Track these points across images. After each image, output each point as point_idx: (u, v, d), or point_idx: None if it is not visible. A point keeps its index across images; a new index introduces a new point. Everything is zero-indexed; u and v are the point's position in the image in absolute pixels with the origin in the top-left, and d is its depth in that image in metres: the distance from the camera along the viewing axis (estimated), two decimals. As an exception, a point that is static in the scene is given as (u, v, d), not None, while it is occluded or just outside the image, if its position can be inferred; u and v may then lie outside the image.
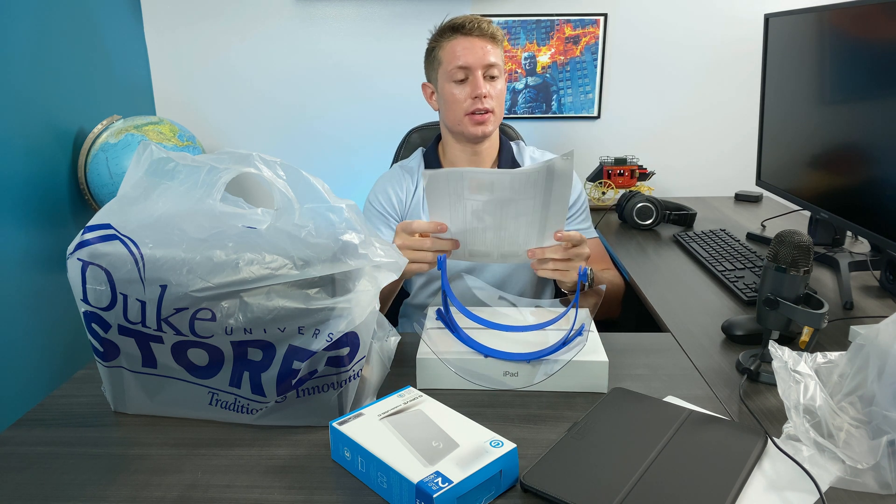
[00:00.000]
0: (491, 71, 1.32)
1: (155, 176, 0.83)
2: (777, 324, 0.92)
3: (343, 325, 0.77)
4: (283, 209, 0.80)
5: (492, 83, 1.33)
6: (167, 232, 0.79)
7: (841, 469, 0.70)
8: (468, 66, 1.31)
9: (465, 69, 1.31)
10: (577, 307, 1.00)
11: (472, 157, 1.39)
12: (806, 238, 0.90)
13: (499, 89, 1.34)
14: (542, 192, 0.96)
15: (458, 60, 1.31)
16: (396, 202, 1.41)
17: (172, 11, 2.15)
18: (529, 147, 1.49)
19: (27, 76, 1.62)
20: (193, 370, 0.83)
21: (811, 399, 0.74)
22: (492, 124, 1.35)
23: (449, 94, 1.34)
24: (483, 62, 1.31)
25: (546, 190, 0.96)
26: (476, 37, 1.32)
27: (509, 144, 1.46)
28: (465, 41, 1.32)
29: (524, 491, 0.71)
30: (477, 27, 1.32)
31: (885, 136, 1.18)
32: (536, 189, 0.96)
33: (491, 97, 1.32)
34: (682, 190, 2.29)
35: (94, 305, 0.81)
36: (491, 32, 1.33)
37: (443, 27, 1.35)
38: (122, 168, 1.73)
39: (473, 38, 1.32)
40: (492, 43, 1.33)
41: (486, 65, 1.31)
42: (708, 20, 2.14)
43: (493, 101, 1.33)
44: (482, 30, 1.32)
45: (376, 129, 2.25)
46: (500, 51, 1.35)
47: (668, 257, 1.56)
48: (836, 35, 1.33)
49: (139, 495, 0.72)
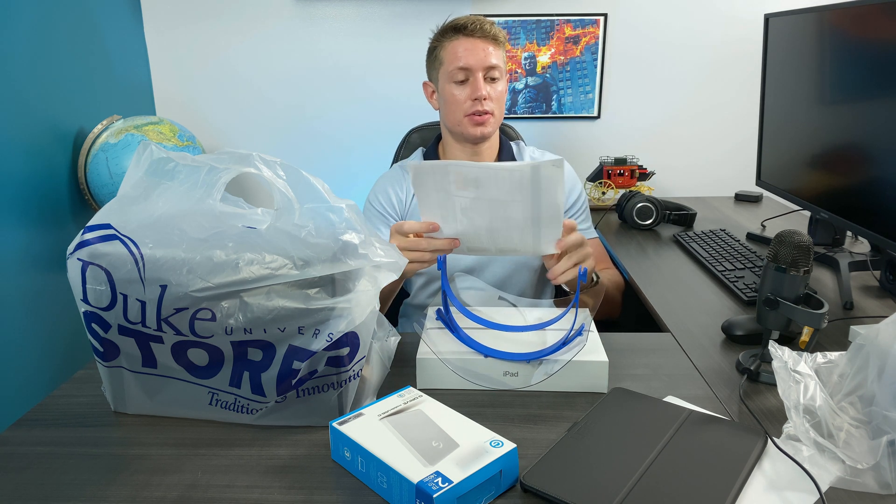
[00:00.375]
0: (492, 73, 1.32)
1: (155, 176, 0.83)
2: (777, 324, 0.92)
3: (343, 325, 0.77)
4: (283, 209, 0.80)
5: (492, 85, 1.33)
6: (167, 232, 0.78)
7: (841, 469, 0.70)
8: (469, 68, 1.31)
9: (465, 70, 1.31)
10: (577, 307, 1.00)
11: (472, 157, 1.39)
12: (806, 238, 0.90)
13: (499, 91, 1.34)
14: (529, 197, 0.93)
15: (459, 61, 1.31)
16: (396, 202, 1.41)
17: (172, 11, 2.15)
18: (530, 147, 1.49)
19: (27, 76, 1.62)
20: (193, 370, 0.83)
21: (811, 399, 0.74)
22: (491, 126, 1.35)
23: (449, 95, 1.34)
24: (484, 64, 1.31)
25: (534, 195, 0.93)
26: (478, 38, 1.31)
27: (509, 144, 1.46)
28: (466, 42, 1.31)
29: (524, 491, 0.71)
30: (479, 28, 1.31)
31: (885, 136, 1.18)
32: (523, 192, 0.93)
33: (491, 99, 1.32)
34: (682, 190, 2.29)
35: (94, 305, 0.81)
36: (493, 34, 1.32)
37: (445, 27, 1.35)
38: (122, 168, 1.73)
39: (475, 40, 1.31)
40: (494, 44, 1.32)
41: (488, 66, 1.31)
42: (708, 20, 2.14)
43: (493, 102, 1.33)
44: (484, 31, 1.31)
45: (376, 129, 2.25)
46: (501, 52, 1.34)
47: (668, 257, 1.56)
48: (836, 35, 1.33)
49: (139, 495, 0.72)
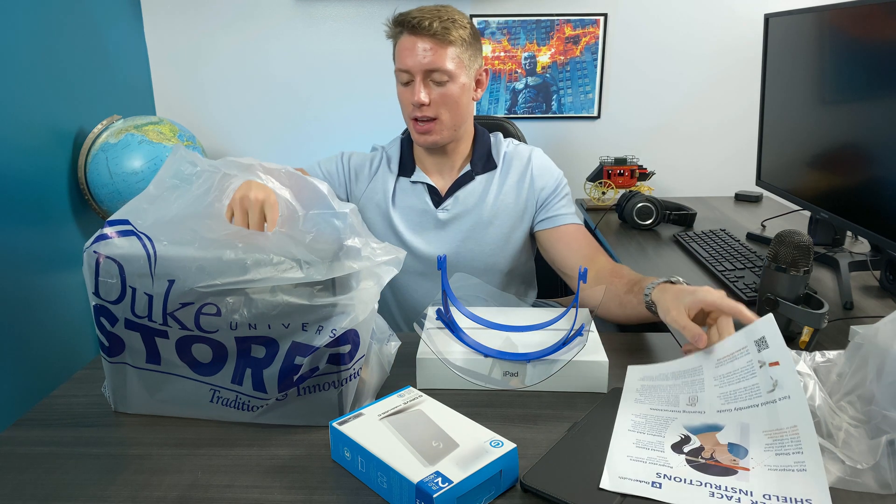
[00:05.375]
0: (435, 76, 1.19)
1: (176, 178, 0.86)
2: (777, 324, 0.92)
3: (346, 321, 0.78)
4: (288, 216, 0.83)
5: (439, 88, 1.20)
6: (181, 231, 0.81)
7: (841, 469, 0.70)
8: (408, 70, 1.19)
9: (406, 72, 1.20)
10: (577, 307, 1.00)
11: (438, 159, 1.32)
12: (806, 238, 0.90)
13: (449, 94, 1.20)
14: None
15: (400, 62, 1.21)
16: (347, 179, 1.36)
17: (172, 11, 2.15)
18: (506, 140, 1.38)
19: (27, 76, 1.62)
20: (197, 367, 0.83)
21: (810, 398, 0.74)
22: (438, 134, 1.23)
23: (398, 94, 1.26)
24: (423, 66, 1.18)
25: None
26: (421, 36, 1.17)
27: (486, 138, 1.35)
28: (407, 41, 1.19)
29: (524, 491, 0.71)
30: (420, 25, 1.16)
31: (885, 137, 1.18)
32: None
33: (433, 105, 1.20)
34: (682, 190, 2.29)
35: (104, 298, 0.82)
36: (438, 31, 1.16)
37: (394, 18, 1.22)
38: (122, 168, 1.73)
39: (416, 38, 1.18)
40: (439, 43, 1.17)
41: (428, 70, 1.18)
42: (708, 20, 2.15)
43: (438, 108, 1.21)
44: (425, 28, 1.16)
45: (376, 129, 2.25)
46: (453, 50, 1.19)
47: (668, 257, 1.56)
48: (836, 35, 1.33)
49: (139, 495, 0.72)
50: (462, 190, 1.33)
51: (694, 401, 0.82)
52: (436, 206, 1.33)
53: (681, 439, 0.76)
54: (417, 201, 1.33)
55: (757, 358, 0.79)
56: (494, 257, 1.34)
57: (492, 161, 1.34)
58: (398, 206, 1.34)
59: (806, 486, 0.66)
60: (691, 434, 0.77)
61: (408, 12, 1.20)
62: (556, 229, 1.31)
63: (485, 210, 1.32)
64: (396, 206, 1.34)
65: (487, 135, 1.37)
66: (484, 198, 1.32)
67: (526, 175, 1.33)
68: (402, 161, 1.36)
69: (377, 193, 1.35)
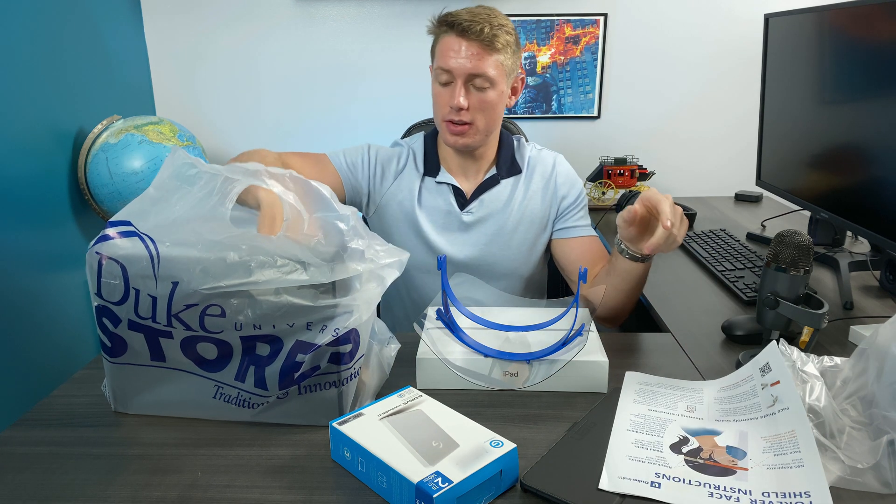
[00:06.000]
0: (477, 81, 1.18)
1: (178, 180, 0.85)
2: (777, 324, 0.92)
3: (349, 321, 0.78)
4: (292, 220, 0.83)
5: (478, 93, 1.20)
6: (183, 233, 0.81)
7: (841, 469, 0.70)
8: (450, 71, 1.18)
9: (448, 73, 1.19)
10: (577, 307, 1.00)
11: (463, 160, 1.32)
12: (806, 238, 0.90)
13: (487, 100, 1.20)
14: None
15: (442, 62, 1.19)
16: (373, 174, 1.34)
17: (172, 11, 2.15)
18: (530, 144, 1.39)
19: (27, 76, 1.62)
20: (202, 363, 0.84)
21: (816, 400, 0.75)
22: (471, 137, 1.24)
23: (434, 93, 1.24)
24: (467, 71, 1.17)
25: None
26: (470, 40, 1.16)
27: (510, 141, 1.36)
28: (454, 42, 1.17)
29: (524, 491, 0.71)
30: (471, 29, 1.15)
31: (885, 136, 1.18)
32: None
33: (471, 109, 1.20)
34: (682, 190, 2.29)
35: (106, 299, 0.82)
36: (489, 37, 1.16)
37: (441, 17, 1.20)
38: (122, 168, 1.73)
39: (465, 41, 1.17)
40: (487, 49, 1.17)
41: (472, 74, 1.18)
42: (708, 20, 2.15)
43: (475, 113, 1.21)
44: (477, 33, 1.15)
45: (376, 129, 2.25)
46: (499, 57, 1.19)
47: (668, 257, 1.56)
48: (836, 35, 1.33)
49: (139, 495, 0.72)
50: (487, 193, 1.33)
51: (692, 409, 0.83)
52: (461, 208, 1.32)
53: (679, 440, 0.77)
54: (442, 202, 1.33)
55: (760, 382, 0.81)
56: (517, 262, 1.35)
57: (516, 165, 1.34)
58: (424, 205, 1.34)
59: (804, 480, 0.67)
60: (690, 436, 0.77)
61: (458, 13, 1.18)
62: (573, 240, 1.33)
63: (510, 215, 1.32)
64: (422, 206, 1.33)
65: (511, 138, 1.37)
66: (510, 203, 1.33)
67: (550, 182, 1.34)
68: (427, 160, 1.35)
69: (402, 191, 1.34)
